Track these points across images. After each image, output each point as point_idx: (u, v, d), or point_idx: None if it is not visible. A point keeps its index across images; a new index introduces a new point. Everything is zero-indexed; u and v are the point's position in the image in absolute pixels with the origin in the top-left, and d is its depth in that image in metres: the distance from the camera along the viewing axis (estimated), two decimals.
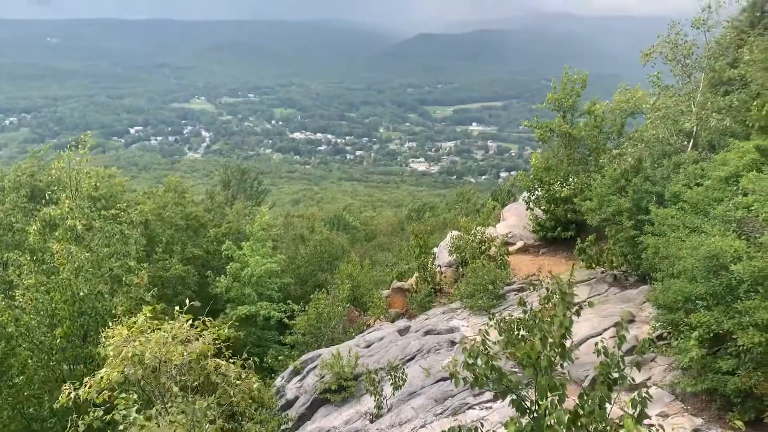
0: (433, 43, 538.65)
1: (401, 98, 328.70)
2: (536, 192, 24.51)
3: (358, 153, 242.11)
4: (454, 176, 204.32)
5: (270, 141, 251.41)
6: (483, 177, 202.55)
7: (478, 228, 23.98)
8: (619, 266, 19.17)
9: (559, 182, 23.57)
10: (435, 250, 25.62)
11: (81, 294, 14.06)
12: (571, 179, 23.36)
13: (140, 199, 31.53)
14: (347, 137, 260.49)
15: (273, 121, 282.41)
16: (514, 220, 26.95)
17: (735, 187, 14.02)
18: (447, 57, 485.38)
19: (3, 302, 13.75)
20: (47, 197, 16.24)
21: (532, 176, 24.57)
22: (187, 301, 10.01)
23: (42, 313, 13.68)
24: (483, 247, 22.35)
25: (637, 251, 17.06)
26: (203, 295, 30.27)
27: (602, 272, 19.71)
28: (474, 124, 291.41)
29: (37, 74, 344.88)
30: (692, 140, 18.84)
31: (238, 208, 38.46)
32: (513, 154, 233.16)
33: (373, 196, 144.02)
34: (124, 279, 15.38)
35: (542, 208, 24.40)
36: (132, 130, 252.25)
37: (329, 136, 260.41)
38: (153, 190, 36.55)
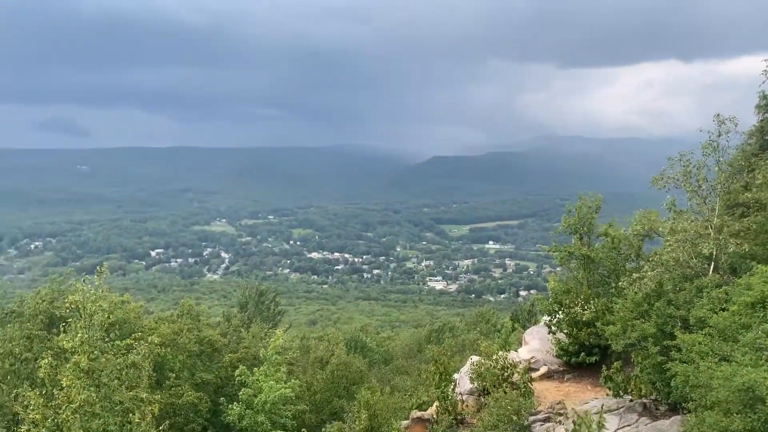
0: (448, 165, 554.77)
1: (417, 217, 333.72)
2: (557, 315, 24.06)
3: (375, 272, 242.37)
4: (473, 294, 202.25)
5: (288, 261, 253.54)
6: (502, 296, 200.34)
7: (500, 353, 23.32)
8: (648, 394, 18.35)
9: (579, 305, 23.19)
10: (456, 376, 24.81)
11: None
12: (591, 302, 22.98)
13: (154, 325, 31.35)
14: (364, 256, 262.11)
15: (291, 242, 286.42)
16: (537, 344, 26.25)
17: (762, 313, 13.64)
18: (461, 178, 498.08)
19: None
20: (62, 329, 16.25)
21: (551, 299, 24.24)
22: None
23: None
24: (505, 374, 21.62)
25: (665, 378, 16.38)
26: (216, 423, 29.26)
27: (631, 401, 18.84)
28: (491, 242, 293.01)
29: (65, 199, 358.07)
30: (713, 263, 18.62)
31: (254, 332, 38.00)
32: (531, 272, 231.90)
33: (391, 316, 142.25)
34: (134, 414, 14.95)
35: (564, 331, 23.84)
36: (153, 253, 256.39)
37: (346, 255, 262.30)
38: (168, 314, 36.42)
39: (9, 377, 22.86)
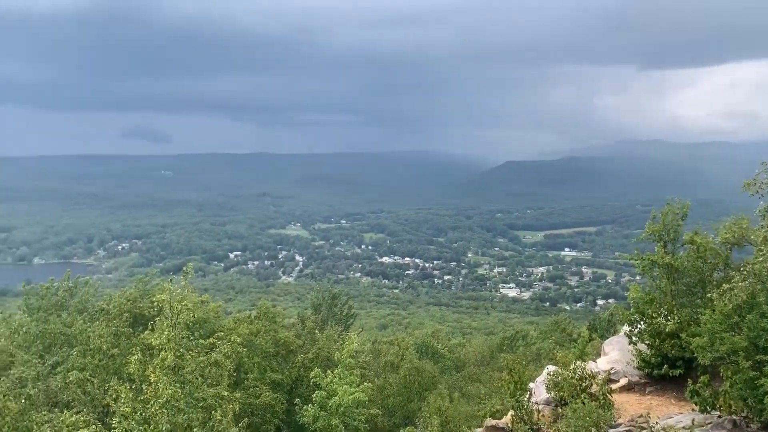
0: (522, 170, 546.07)
1: (490, 223, 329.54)
2: (639, 325, 23.12)
3: (446, 277, 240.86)
4: (547, 303, 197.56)
5: (359, 265, 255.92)
6: (578, 304, 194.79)
7: (578, 363, 22.65)
8: (739, 411, 17.34)
9: (663, 315, 22.20)
10: (531, 385, 24.28)
11: (163, 428, 14.09)
12: (675, 312, 21.96)
13: (233, 325, 32.32)
14: (435, 262, 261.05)
15: (363, 246, 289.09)
16: (617, 355, 25.31)
17: None
18: (536, 183, 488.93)
19: (100, 431, 14.09)
20: (150, 327, 17.04)
21: (633, 309, 23.32)
22: None
23: None
24: (583, 384, 20.96)
25: (758, 395, 15.47)
26: (291, 423, 29.85)
27: (719, 417, 17.86)
28: (566, 249, 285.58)
29: (150, 203, 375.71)
30: None
31: (328, 334, 38.51)
32: (610, 280, 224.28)
33: (462, 323, 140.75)
34: (216, 411, 15.47)
35: (646, 342, 22.87)
36: (231, 255, 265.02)
37: (417, 261, 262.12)
38: (245, 315, 37.45)
39: (98, 372, 24.13)
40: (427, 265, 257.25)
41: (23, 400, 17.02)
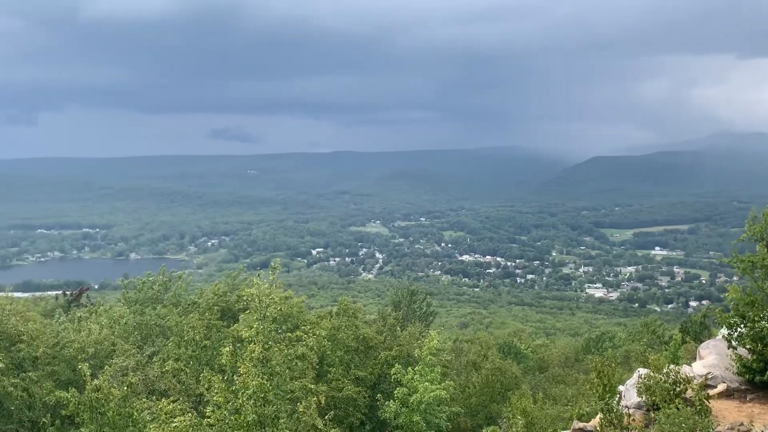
0: (609, 166, 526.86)
1: (575, 221, 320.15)
2: (738, 329, 21.78)
3: (529, 276, 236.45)
4: (636, 304, 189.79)
5: (439, 263, 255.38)
6: (669, 306, 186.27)
7: (671, 366, 21.62)
8: None
9: (766, 318, 20.81)
10: (620, 388, 23.41)
11: (249, 418, 14.54)
12: None
13: (315, 320, 33.01)
14: (517, 260, 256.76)
15: (442, 244, 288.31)
16: (713, 359, 23.95)
17: None
18: (624, 179, 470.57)
19: (195, 419, 14.74)
20: (240, 320, 17.67)
21: (732, 311, 21.99)
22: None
23: None
24: (677, 389, 19.98)
25: None
26: (373, 419, 30.17)
27: None
28: (657, 248, 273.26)
29: (237, 201, 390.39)
30: None
31: (410, 331, 38.61)
32: (704, 281, 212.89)
33: (546, 323, 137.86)
34: (301, 403, 15.87)
35: (747, 347, 21.51)
36: (314, 252, 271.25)
37: (498, 259, 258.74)
38: (327, 311, 38.15)
39: (192, 362, 25.29)
40: (509, 263, 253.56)
41: (125, 388, 18.08)
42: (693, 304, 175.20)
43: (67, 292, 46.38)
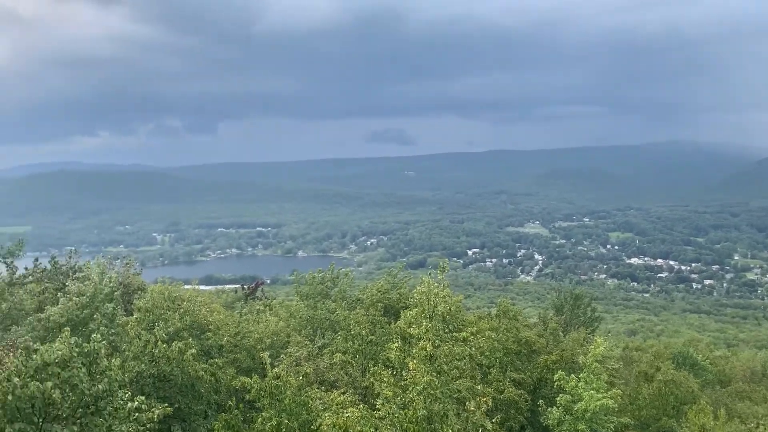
0: None
1: (762, 221, 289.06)
2: None
3: (706, 282, 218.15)
4: None
5: (604, 266, 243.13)
6: None
7: None
8: None
9: None
10: None
11: (419, 414, 14.89)
12: None
13: (473, 320, 32.94)
14: (693, 264, 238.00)
15: (608, 246, 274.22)
16: None
17: None
18: None
19: (365, 410, 15.42)
20: (402, 317, 18.14)
21: None
22: None
23: (397, 426, 14.90)
24: None
25: None
26: (535, 423, 29.50)
27: None
28: None
29: (394, 202, 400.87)
30: None
31: (574, 337, 37.22)
32: None
33: (726, 333, 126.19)
34: (469, 403, 15.99)
35: None
36: (470, 252, 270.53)
37: (671, 263, 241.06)
38: (485, 312, 37.90)
39: (358, 356, 26.45)
40: (683, 267, 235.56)
41: (301, 377, 19.36)
42: None
43: (245, 286, 50.64)
